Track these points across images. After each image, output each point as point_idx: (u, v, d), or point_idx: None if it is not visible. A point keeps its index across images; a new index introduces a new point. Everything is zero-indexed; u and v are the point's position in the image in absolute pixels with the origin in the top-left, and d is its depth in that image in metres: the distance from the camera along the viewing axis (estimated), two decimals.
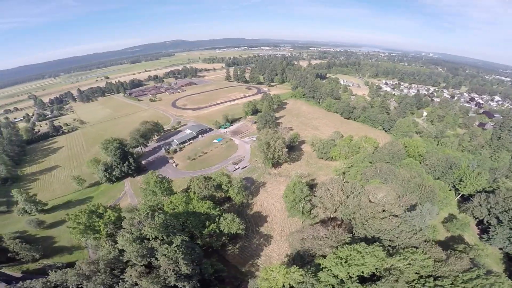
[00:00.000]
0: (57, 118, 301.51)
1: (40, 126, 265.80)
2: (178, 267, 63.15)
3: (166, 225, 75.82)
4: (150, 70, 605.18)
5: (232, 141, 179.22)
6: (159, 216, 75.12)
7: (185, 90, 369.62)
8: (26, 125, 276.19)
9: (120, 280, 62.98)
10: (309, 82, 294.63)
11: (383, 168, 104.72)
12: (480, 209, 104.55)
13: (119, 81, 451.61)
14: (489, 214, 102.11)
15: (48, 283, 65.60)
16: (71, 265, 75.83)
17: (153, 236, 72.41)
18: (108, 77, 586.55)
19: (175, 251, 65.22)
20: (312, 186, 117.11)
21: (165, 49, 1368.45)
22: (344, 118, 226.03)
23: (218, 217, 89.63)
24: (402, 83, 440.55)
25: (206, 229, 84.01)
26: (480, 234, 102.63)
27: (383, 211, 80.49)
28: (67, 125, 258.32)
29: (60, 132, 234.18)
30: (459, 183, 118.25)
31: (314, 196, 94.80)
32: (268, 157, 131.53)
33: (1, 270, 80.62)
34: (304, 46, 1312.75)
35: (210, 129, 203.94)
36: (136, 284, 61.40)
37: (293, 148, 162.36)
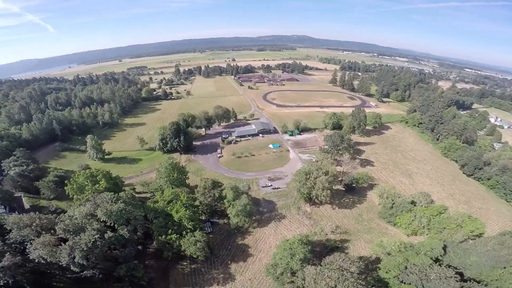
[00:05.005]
0: (177, 86, 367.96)
1: (164, 90, 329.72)
2: (74, 255, 61.06)
3: (121, 215, 72.39)
4: (267, 60, 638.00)
5: (287, 153, 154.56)
6: (120, 204, 72.28)
7: (283, 85, 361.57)
8: (156, 86, 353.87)
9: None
10: (433, 108, 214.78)
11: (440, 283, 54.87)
12: None
13: (236, 64, 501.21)
14: None
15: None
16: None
17: (102, 220, 70.97)
18: (234, 60, 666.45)
19: (86, 242, 61.42)
20: (332, 250, 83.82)
21: (291, 43, 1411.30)
22: (464, 173, 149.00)
23: (189, 230, 77.96)
24: None
25: (163, 236, 75.30)
26: None
27: None
28: (178, 93, 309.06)
29: (168, 97, 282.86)
30: None
31: (303, 269, 63.03)
32: (302, 192, 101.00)
33: (22, 197, 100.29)
34: (457, 65, 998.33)
35: (275, 132, 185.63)
36: None
37: (354, 191, 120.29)
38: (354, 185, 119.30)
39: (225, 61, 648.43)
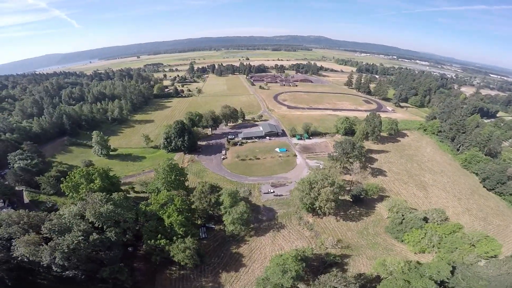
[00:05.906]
0: (190, 83, 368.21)
1: (176, 88, 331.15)
2: (55, 255, 59.97)
3: (110, 217, 70.51)
4: (281, 60, 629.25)
5: (294, 158, 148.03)
6: (109, 206, 69.93)
7: (296, 86, 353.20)
8: (170, 83, 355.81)
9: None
10: (455, 116, 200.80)
11: None
12: None
13: (249, 64, 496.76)
14: None
15: None
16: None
17: (90, 220, 69.51)
18: (248, 59, 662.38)
19: (69, 244, 59.93)
20: (331, 265, 77.27)
21: (306, 43, 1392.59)
22: (484, 187, 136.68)
23: (179, 236, 74.80)
24: None
25: (151, 241, 72.51)
26: None
27: None
28: (189, 91, 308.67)
29: (179, 95, 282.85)
30: None
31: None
32: (304, 202, 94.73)
33: (24, 191, 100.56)
34: (481, 70, 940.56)
35: (284, 134, 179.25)
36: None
37: (362, 202, 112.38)
38: (362, 196, 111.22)
39: (239, 60, 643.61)
